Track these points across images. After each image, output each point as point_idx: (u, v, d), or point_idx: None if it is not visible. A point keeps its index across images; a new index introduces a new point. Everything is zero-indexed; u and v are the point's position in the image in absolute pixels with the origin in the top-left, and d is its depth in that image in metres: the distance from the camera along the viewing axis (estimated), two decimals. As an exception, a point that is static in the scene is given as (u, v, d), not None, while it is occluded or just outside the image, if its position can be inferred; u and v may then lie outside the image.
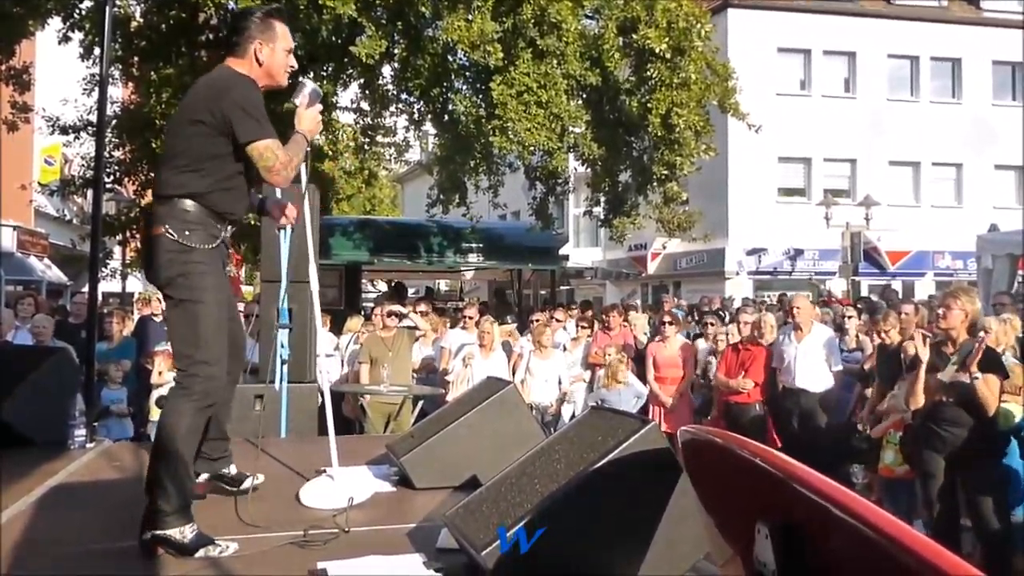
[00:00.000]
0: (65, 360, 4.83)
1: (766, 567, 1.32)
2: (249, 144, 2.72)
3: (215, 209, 2.79)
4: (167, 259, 2.73)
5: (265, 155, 2.72)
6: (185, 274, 2.72)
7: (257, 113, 2.74)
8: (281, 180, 2.82)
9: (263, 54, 2.89)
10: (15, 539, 2.81)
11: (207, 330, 2.72)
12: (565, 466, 2.34)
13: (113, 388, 6.59)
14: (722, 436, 1.78)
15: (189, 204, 2.74)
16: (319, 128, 3.10)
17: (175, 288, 2.75)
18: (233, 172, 2.81)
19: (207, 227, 2.77)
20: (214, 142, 2.75)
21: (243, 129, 2.71)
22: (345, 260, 13.84)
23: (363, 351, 7.03)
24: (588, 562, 2.26)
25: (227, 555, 2.62)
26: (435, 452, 3.50)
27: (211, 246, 2.78)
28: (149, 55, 11.85)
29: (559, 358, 7.54)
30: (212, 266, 2.80)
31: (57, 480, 3.70)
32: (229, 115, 2.70)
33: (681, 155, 10.40)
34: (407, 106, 12.86)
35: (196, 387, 2.68)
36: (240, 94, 2.75)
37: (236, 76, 2.84)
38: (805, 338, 6.75)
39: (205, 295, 2.73)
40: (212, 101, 2.75)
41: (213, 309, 2.75)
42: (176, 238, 2.71)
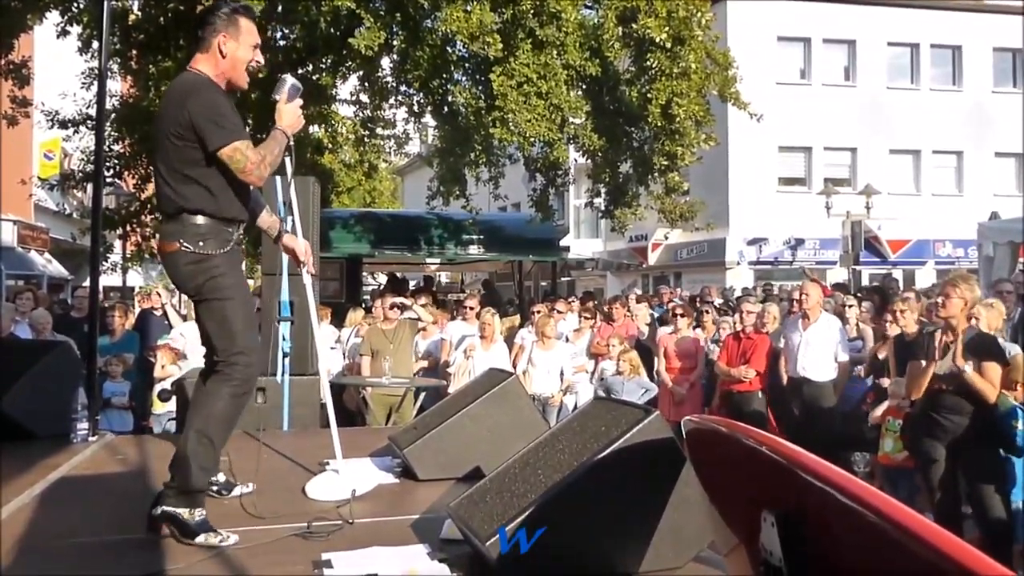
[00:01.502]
0: (67, 353, 4.83)
1: (772, 555, 1.32)
2: (217, 151, 2.76)
3: (222, 216, 2.87)
4: (189, 271, 2.84)
5: (235, 157, 2.77)
6: (210, 279, 2.83)
7: (219, 118, 2.77)
8: (255, 179, 2.85)
9: (227, 47, 2.92)
10: (18, 532, 2.82)
11: (238, 323, 2.85)
12: (569, 456, 2.34)
13: (115, 381, 6.59)
14: (726, 425, 1.77)
15: (198, 218, 2.83)
16: (300, 123, 3.11)
17: (202, 293, 2.86)
18: (224, 175, 2.84)
19: (219, 234, 2.86)
20: (195, 150, 2.79)
21: (209, 138, 2.75)
22: (346, 253, 13.83)
23: (364, 343, 7.03)
24: (592, 552, 2.26)
25: (226, 545, 2.63)
26: (438, 443, 3.51)
27: (226, 250, 2.87)
28: (147, 48, 11.82)
29: (562, 349, 7.54)
30: (232, 268, 2.91)
31: (60, 473, 3.71)
32: (195, 124, 2.75)
33: (682, 145, 10.37)
34: (407, 98, 12.83)
35: (236, 374, 2.82)
36: (200, 102, 2.78)
37: (196, 82, 2.87)
38: (811, 327, 6.73)
39: (230, 292, 2.86)
40: (179, 112, 2.79)
41: (240, 304, 2.89)
42: (192, 250, 2.81)
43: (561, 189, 13.54)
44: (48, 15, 11.38)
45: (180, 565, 2.48)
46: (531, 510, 2.16)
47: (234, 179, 2.86)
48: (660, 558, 2.31)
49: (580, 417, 2.61)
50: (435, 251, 14.59)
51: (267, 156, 2.85)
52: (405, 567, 2.39)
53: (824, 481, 1.29)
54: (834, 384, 6.74)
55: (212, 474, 2.94)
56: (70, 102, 13.60)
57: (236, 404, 2.85)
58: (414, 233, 14.51)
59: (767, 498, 1.42)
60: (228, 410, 2.82)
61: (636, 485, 2.29)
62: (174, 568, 2.47)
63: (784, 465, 1.39)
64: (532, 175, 12.35)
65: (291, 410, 5.26)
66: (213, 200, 2.83)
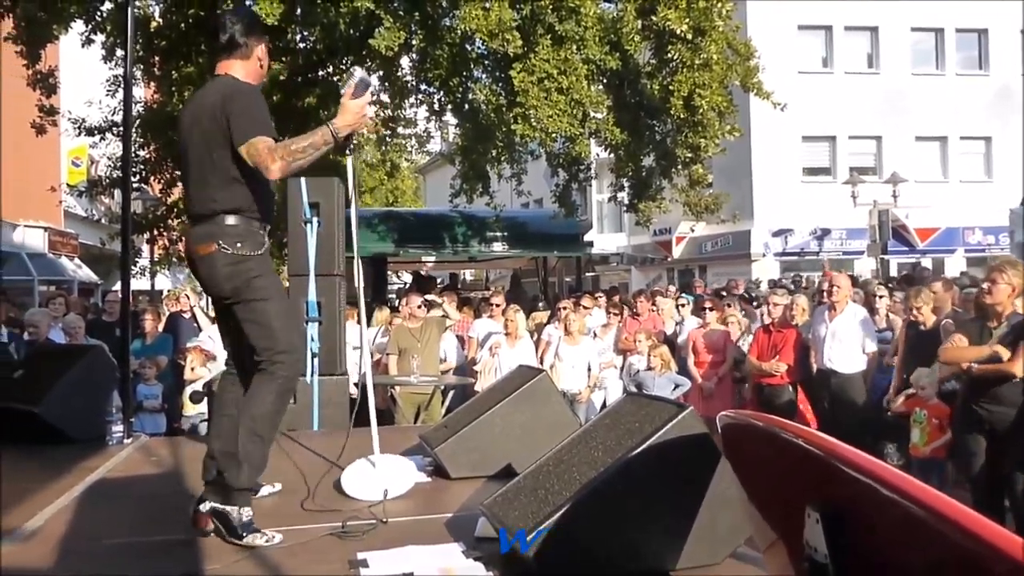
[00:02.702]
0: (101, 357, 4.90)
1: (817, 552, 1.30)
2: (239, 147, 2.78)
3: (255, 216, 2.90)
4: (227, 272, 2.85)
5: (249, 152, 2.76)
6: (247, 280, 2.86)
7: (253, 114, 2.80)
8: (267, 173, 2.78)
9: (264, 60, 3.04)
10: (59, 534, 2.87)
11: (279, 322, 2.89)
12: (603, 453, 2.33)
13: (148, 384, 6.67)
14: (764, 419, 1.75)
15: (233, 218, 2.85)
16: (363, 121, 3.01)
17: (241, 294, 2.88)
18: (258, 175, 2.85)
19: (254, 235, 2.90)
20: (231, 151, 2.81)
21: (235, 135, 2.77)
22: (370, 252, 13.88)
23: (391, 342, 7.05)
24: (628, 548, 2.25)
25: (272, 545, 2.65)
26: (469, 442, 3.51)
27: (261, 252, 2.91)
28: (169, 54, 11.94)
29: (589, 344, 7.51)
30: (267, 269, 2.95)
31: (97, 476, 3.77)
32: (231, 124, 2.78)
33: (705, 137, 10.28)
34: (427, 96, 12.85)
35: (280, 372, 2.85)
36: (243, 102, 2.83)
37: (239, 85, 2.91)
38: (838, 318, 6.66)
39: (268, 292, 2.90)
40: (219, 112, 2.81)
41: (279, 303, 2.96)
42: (230, 251, 2.83)
43: (584, 184, 13.49)
44: (73, 24, 11.52)
45: (217, 565, 2.51)
46: (566, 507, 2.16)
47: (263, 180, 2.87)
48: (696, 555, 2.29)
49: (613, 414, 2.60)
50: (459, 249, 14.60)
51: (279, 149, 2.76)
52: (441, 566, 2.40)
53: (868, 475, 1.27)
54: (863, 375, 6.67)
55: (261, 473, 2.94)
56: (95, 109, 13.78)
57: (282, 401, 2.89)
58: (438, 231, 14.54)
59: (810, 494, 1.40)
60: (275, 408, 2.86)
61: (671, 481, 2.28)
62: (212, 568, 2.49)
63: (826, 460, 1.37)
64: (554, 171, 12.32)
65: (321, 410, 5.30)
66: (248, 200, 2.87)
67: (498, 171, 12.17)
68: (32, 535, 2.85)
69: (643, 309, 8.30)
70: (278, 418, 2.92)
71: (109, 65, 12.52)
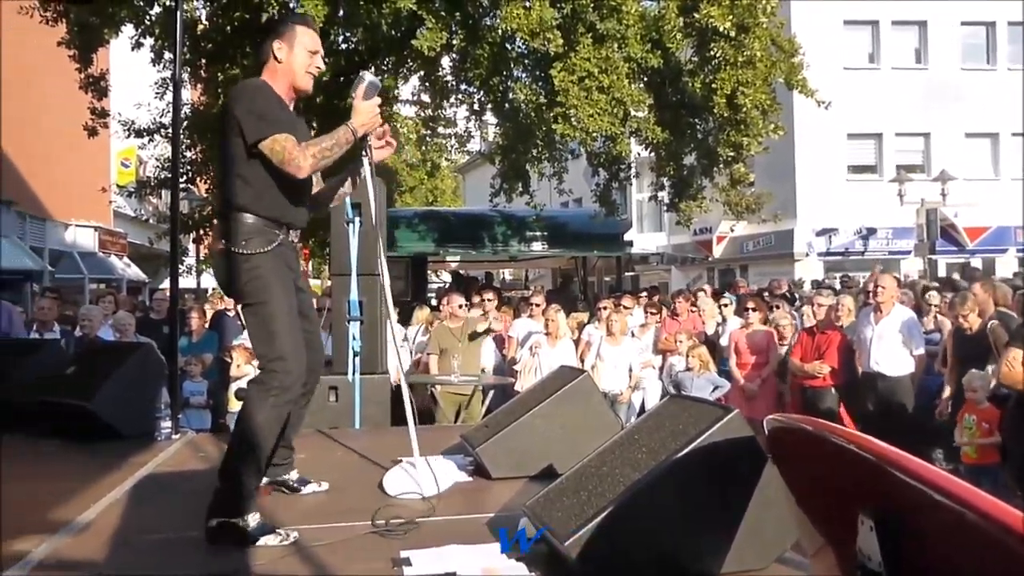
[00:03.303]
0: (150, 355, 5.00)
1: (870, 560, 1.28)
2: (256, 144, 2.80)
3: (267, 215, 2.89)
4: (231, 270, 2.88)
5: (273, 149, 2.80)
6: (250, 280, 2.84)
7: (262, 113, 2.83)
8: (293, 170, 2.82)
9: (281, 53, 3.00)
10: (111, 528, 2.93)
11: (278, 328, 2.82)
12: (647, 455, 2.31)
13: (195, 381, 6.80)
14: (812, 423, 1.73)
15: (243, 216, 2.86)
16: (376, 122, 3.06)
17: (244, 295, 2.89)
18: (270, 174, 2.87)
19: (263, 234, 2.88)
20: (240, 149, 2.85)
21: (248, 131, 2.81)
22: (411, 252, 13.98)
23: (432, 341, 7.09)
24: (672, 551, 2.24)
25: (288, 544, 2.67)
26: (510, 442, 3.51)
27: (267, 249, 2.86)
28: (215, 57, 12.14)
29: (630, 345, 7.48)
30: (275, 269, 2.89)
31: (147, 471, 3.85)
32: (239, 121, 2.82)
33: (748, 135, 10.14)
34: (467, 96, 12.88)
35: (273, 382, 2.78)
36: (247, 100, 2.86)
37: (248, 83, 2.97)
38: (883, 320, 6.53)
39: (270, 295, 2.84)
40: (231, 111, 2.87)
41: (281, 308, 2.85)
42: (236, 249, 2.85)
43: (624, 183, 13.41)
44: (123, 29, 11.78)
45: (264, 562, 2.54)
46: (609, 509, 2.15)
47: (282, 180, 2.88)
48: (742, 559, 2.26)
49: (657, 415, 2.58)
50: (499, 248, 14.61)
51: (310, 148, 2.82)
52: (483, 565, 2.40)
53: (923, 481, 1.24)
54: (911, 378, 6.54)
55: (259, 479, 2.91)
56: (144, 111, 14.09)
57: (278, 412, 2.81)
58: (478, 231, 14.57)
59: (862, 500, 1.37)
60: (270, 419, 2.79)
61: (716, 484, 2.25)
62: (259, 564, 2.53)
63: (879, 465, 1.34)
64: (595, 170, 12.27)
65: (362, 409, 5.35)
66: (257, 198, 2.86)
67: (538, 170, 12.15)
68: (85, 528, 2.92)
69: (682, 309, 8.23)
70: (275, 427, 2.84)
71: (157, 68, 12.78)
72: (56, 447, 4.43)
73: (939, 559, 1.25)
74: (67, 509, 3.09)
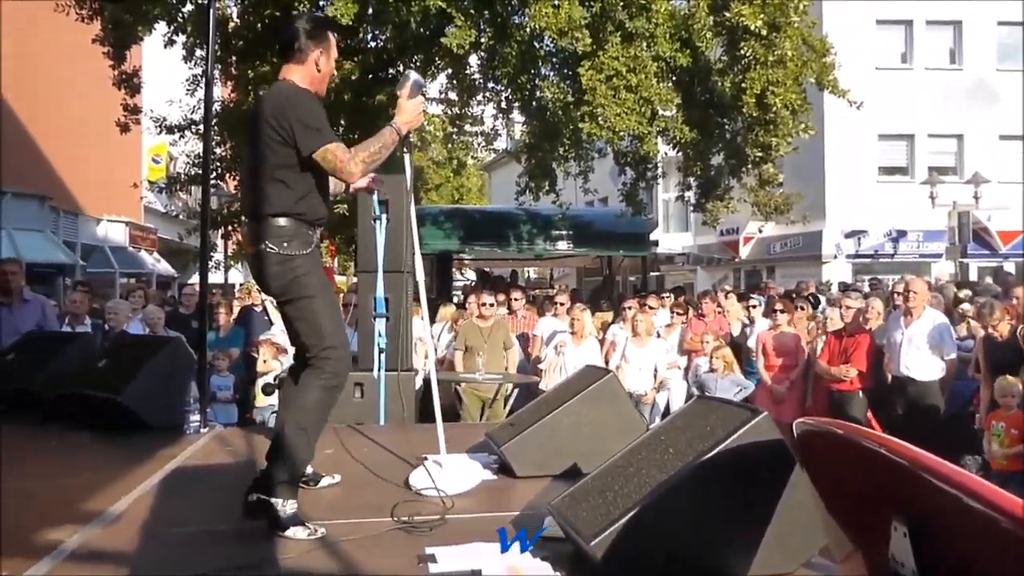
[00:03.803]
0: (180, 349, 5.06)
1: (904, 566, 1.26)
2: (311, 154, 2.89)
3: (305, 218, 2.98)
4: (274, 271, 2.96)
5: (326, 159, 2.90)
6: (293, 279, 2.95)
7: (317, 123, 2.91)
8: (346, 176, 2.97)
9: (322, 63, 3.08)
10: (141, 519, 2.98)
11: (325, 319, 2.97)
12: (673, 456, 2.30)
13: (222, 375, 6.87)
14: (843, 427, 1.71)
15: (283, 220, 2.94)
16: (419, 120, 3.19)
17: (287, 293, 2.98)
18: (311, 179, 2.98)
19: (302, 236, 2.97)
20: (287, 154, 2.91)
21: (304, 142, 2.88)
22: (436, 249, 14.02)
23: (459, 338, 7.11)
24: (697, 553, 2.22)
25: (315, 538, 2.70)
26: (535, 441, 3.51)
27: (308, 251, 2.98)
28: (246, 55, 12.25)
29: (655, 345, 7.44)
30: (314, 268, 3.02)
31: (175, 464, 3.90)
32: (294, 130, 2.88)
33: (777, 135, 10.04)
34: (494, 94, 12.88)
35: (327, 367, 2.92)
36: (302, 109, 2.92)
37: (296, 91, 3.00)
38: (914, 323, 6.45)
39: (314, 290, 2.97)
40: (279, 117, 2.91)
41: (325, 301, 3.00)
42: (277, 251, 2.93)
43: (651, 183, 13.35)
44: (156, 26, 11.94)
45: (291, 555, 2.57)
46: (636, 510, 2.14)
47: (321, 183, 3.01)
48: (768, 562, 2.25)
49: (684, 416, 2.57)
50: (524, 247, 14.61)
51: (360, 153, 2.94)
52: (508, 564, 2.40)
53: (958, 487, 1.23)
54: (941, 383, 6.44)
55: (307, 465, 3.03)
56: (175, 108, 14.26)
57: (329, 396, 2.95)
58: (503, 229, 14.58)
59: (895, 505, 1.36)
60: (321, 402, 2.93)
61: (743, 487, 2.24)
62: (285, 558, 2.55)
63: (913, 470, 1.33)
64: (621, 169, 12.22)
65: (387, 405, 5.37)
66: (298, 203, 2.95)
67: (564, 169, 12.12)
68: (116, 519, 2.97)
69: (709, 310, 8.18)
70: (325, 412, 2.99)
71: (188, 65, 12.92)
72: (88, 439, 4.50)
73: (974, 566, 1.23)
74: (99, 500, 3.14)
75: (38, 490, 3.46)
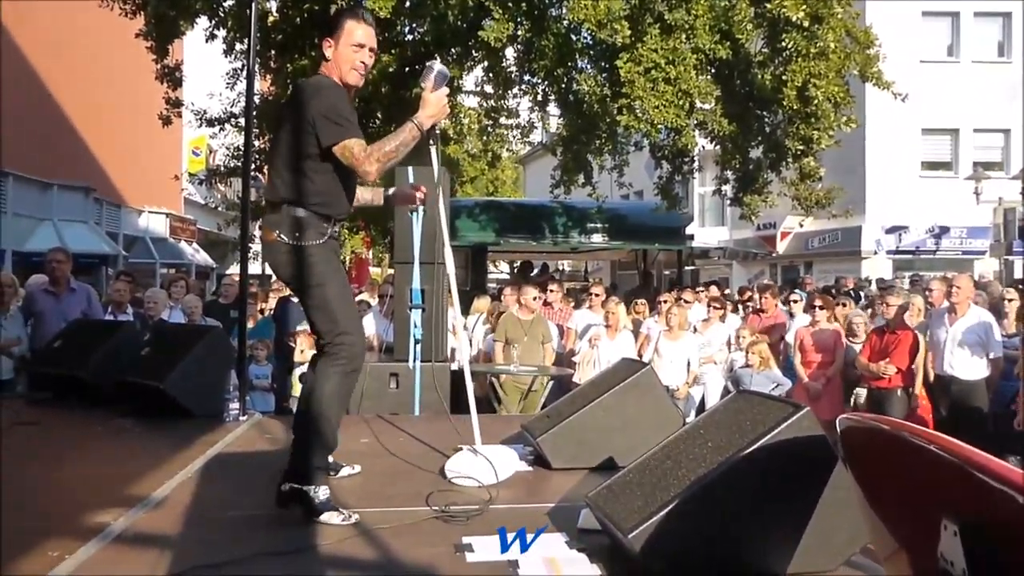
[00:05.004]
0: (220, 338, 5.14)
1: (954, 566, 1.24)
2: (330, 147, 2.89)
3: (322, 212, 2.98)
4: (285, 260, 2.98)
5: (344, 154, 2.89)
6: (305, 268, 2.95)
7: (337, 117, 2.89)
8: (365, 176, 2.97)
9: (328, 51, 3.06)
10: (184, 504, 3.03)
11: (338, 306, 2.96)
12: (712, 450, 2.28)
13: (260, 365, 6.97)
14: (889, 423, 1.68)
15: (297, 211, 2.95)
16: (445, 112, 3.15)
17: (300, 281, 2.99)
18: (334, 174, 2.98)
19: (315, 227, 2.97)
20: (309, 147, 2.92)
21: (324, 134, 2.88)
22: (471, 241, 14.06)
23: (499, 330, 7.11)
24: (736, 548, 2.21)
25: (349, 524, 2.73)
26: (571, 433, 3.51)
27: (320, 242, 2.98)
28: (285, 48, 12.37)
29: (689, 340, 7.38)
30: (326, 256, 3.00)
31: (216, 450, 3.96)
32: (315, 122, 2.88)
33: (818, 129, 9.89)
34: (531, 87, 12.85)
35: (342, 354, 2.92)
36: (323, 101, 2.91)
37: (320, 83, 3.01)
38: (959, 321, 6.32)
39: (326, 278, 2.96)
40: (302, 108, 2.92)
41: (338, 288, 3.00)
42: (288, 241, 2.94)
43: (687, 176, 13.23)
44: (198, 21, 12.10)
45: (329, 541, 2.60)
46: (674, 504, 2.12)
47: (344, 177, 3.00)
48: (810, 560, 2.22)
49: (724, 410, 2.54)
50: (559, 240, 14.60)
51: (374, 153, 2.91)
52: (544, 555, 2.41)
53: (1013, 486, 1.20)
54: (986, 382, 6.31)
55: (331, 451, 3.05)
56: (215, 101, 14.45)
57: (347, 381, 2.96)
58: (538, 221, 14.57)
59: (944, 503, 1.33)
60: (339, 388, 2.94)
61: (784, 483, 2.21)
62: (324, 544, 2.58)
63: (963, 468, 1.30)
64: (658, 163, 12.12)
65: (422, 395, 5.41)
66: (317, 195, 2.96)
67: (600, 162, 12.06)
68: (160, 504, 3.03)
69: (768, 305, 8.10)
70: (344, 398, 3.01)
71: (228, 59, 13.08)
72: (132, 425, 4.60)
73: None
74: (143, 485, 3.21)
75: (84, 474, 3.54)
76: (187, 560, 2.37)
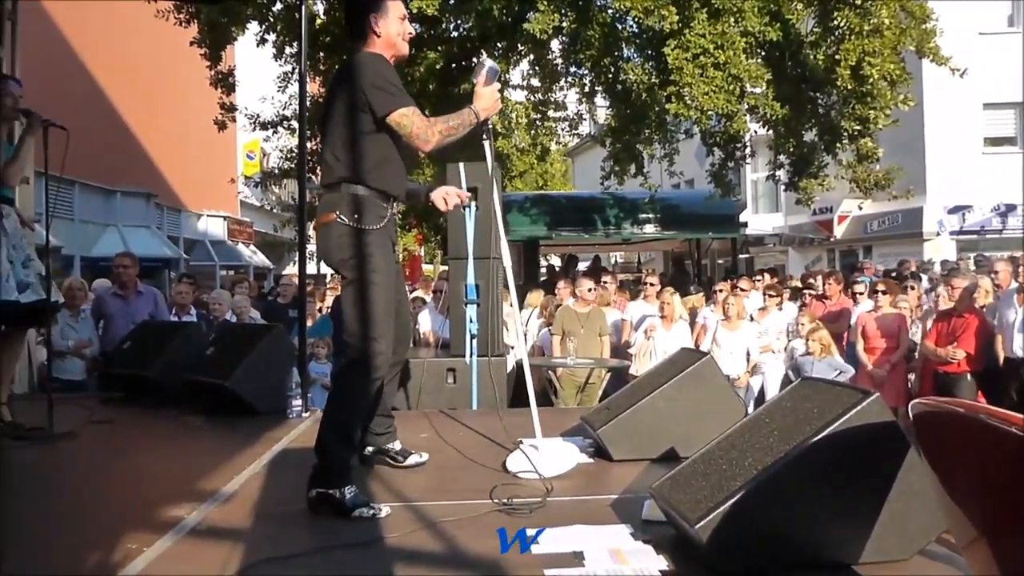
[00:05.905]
0: (281, 337, 5.25)
1: (1041, 551, 1.20)
2: (386, 116, 2.86)
3: (379, 188, 2.94)
4: (340, 242, 2.91)
5: (402, 123, 2.86)
6: (357, 255, 2.89)
7: (388, 86, 2.88)
8: (421, 143, 2.91)
9: (379, 26, 3.03)
10: (253, 498, 3.11)
11: (376, 308, 2.86)
12: (779, 439, 2.24)
13: (320, 363, 7.08)
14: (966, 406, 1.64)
15: (356, 188, 2.91)
16: (497, 107, 3.14)
17: (348, 268, 2.92)
18: (387, 149, 2.95)
19: (375, 208, 2.93)
20: (363, 122, 2.89)
21: (377, 103, 2.86)
22: (523, 236, 14.08)
23: (556, 323, 7.12)
24: (806, 538, 2.17)
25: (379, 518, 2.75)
26: (632, 424, 3.50)
27: (380, 226, 2.93)
28: (332, 50, 12.53)
29: (748, 329, 7.28)
30: (382, 246, 2.95)
31: (281, 446, 4.05)
32: (366, 94, 2.86)
33: (875, 108, 9.63)
34: (577, 79, 12.79)
35: (364, 361, 2.85)
36: (371, 71, 2.89)
37: (366, 56, 2.99)
38: (1029, 302, 6.11)
39: (376, 276, 2.89)
40: (352, 84, 2.90)
41: (383, 289, 2.89)
42: (348, 222, 2.89)
43: (740, 163, 13.01)
44: (248, 26, 12.35)
45: (395, 534, 2.63)
46: (741, 494, 2.10)
47: (395, 154, 2.96)
48: (883, 550, 2.17)
49: (789, 398, 2.50)
50: (611, 231, 14.52)
51: (438, 124, 2.90)
52: (610, 547, 2.40)
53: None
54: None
55: (352, 452, 3.02)
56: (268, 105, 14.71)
57: (366, 389, 2.89)
58: (589, 214, 14.52)
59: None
60: (360, 394, 2.89)
61: (854, 471, 2.17)
62: (391, 536, 2.62)
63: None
64: (709, 150, 11.96)
65: (479, 390, 5.44)
66: (373, 171, 2.92)
67: (649, 151, 11.97)
68: (230, 498, 3.10)
69: (833, 292, 7.95)
70: (365, 402, 2.95)
71: (279, 63, 13.31)
72: (201, 422, 4.73)
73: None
74: (213, 480, 3.30)
75: (158, 470, 3.66)
76: (258, 553, 2.43)
